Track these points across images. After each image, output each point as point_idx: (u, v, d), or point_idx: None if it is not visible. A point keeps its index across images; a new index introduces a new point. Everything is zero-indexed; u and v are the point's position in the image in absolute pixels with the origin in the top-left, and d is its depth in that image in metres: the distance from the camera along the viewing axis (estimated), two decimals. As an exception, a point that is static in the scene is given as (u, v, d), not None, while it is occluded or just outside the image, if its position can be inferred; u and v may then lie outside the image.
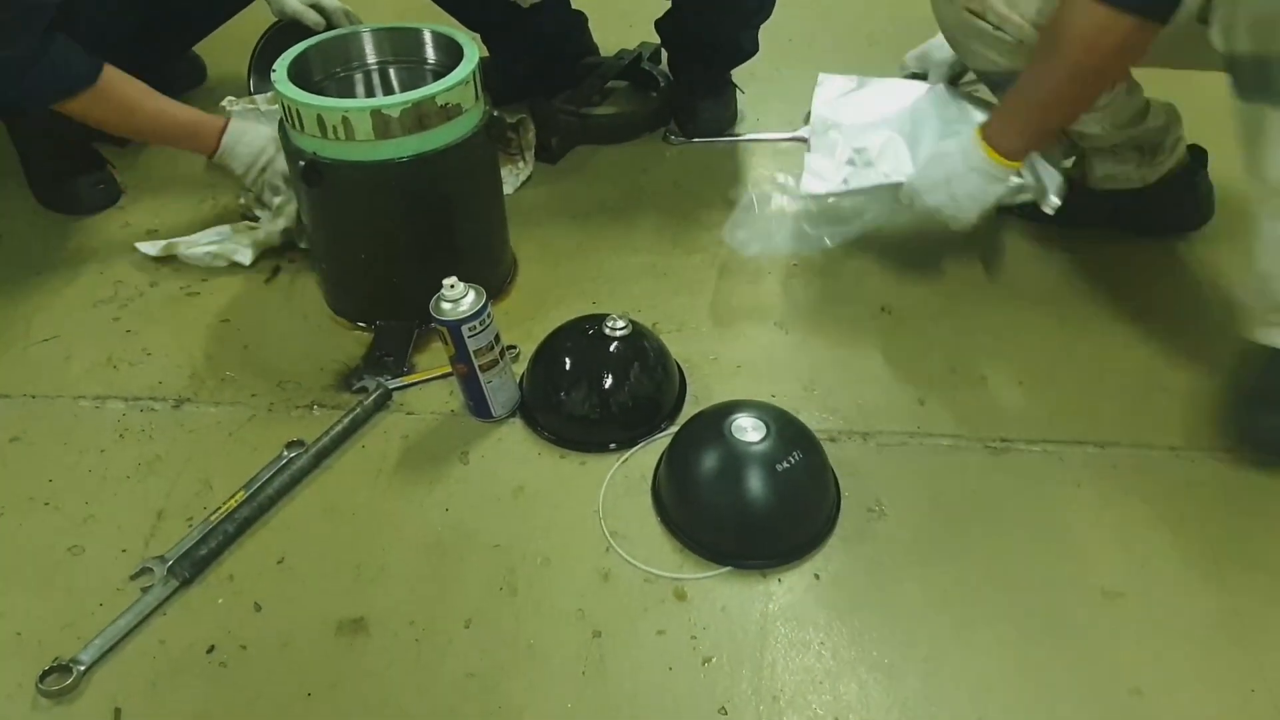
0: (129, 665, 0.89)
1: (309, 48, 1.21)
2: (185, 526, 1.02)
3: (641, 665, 0.89)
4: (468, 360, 1.06)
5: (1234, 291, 1.29)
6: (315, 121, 1.08)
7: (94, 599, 0.95)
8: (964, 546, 0.98)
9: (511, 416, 1.14)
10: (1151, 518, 1.01)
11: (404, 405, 1.16)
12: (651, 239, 1.44)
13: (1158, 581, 0.95)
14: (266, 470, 1.07)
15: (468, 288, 1.04)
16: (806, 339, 1.25)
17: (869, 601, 0.94)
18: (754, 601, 0.94)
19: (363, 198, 1.16)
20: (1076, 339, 1.23)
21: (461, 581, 0.96)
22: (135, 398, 1.18)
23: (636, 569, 0.97)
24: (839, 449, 1.09)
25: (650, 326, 1.21)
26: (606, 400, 1.10)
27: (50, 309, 1.33)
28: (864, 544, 0.99)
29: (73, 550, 1.00)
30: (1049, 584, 0.95)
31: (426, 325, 1.20)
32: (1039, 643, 0.90)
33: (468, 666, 0.89)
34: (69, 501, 1.05)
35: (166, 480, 1.07)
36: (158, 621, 0.93)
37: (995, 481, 1.05)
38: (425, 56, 1.27)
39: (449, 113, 1.11)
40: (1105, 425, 1.11)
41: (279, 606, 0.94)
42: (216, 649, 0.91)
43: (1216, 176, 1.35)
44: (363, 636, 0.91)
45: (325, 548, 1.00)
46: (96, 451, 1.11)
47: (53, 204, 1.52)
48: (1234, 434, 1.06)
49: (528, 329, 1.24)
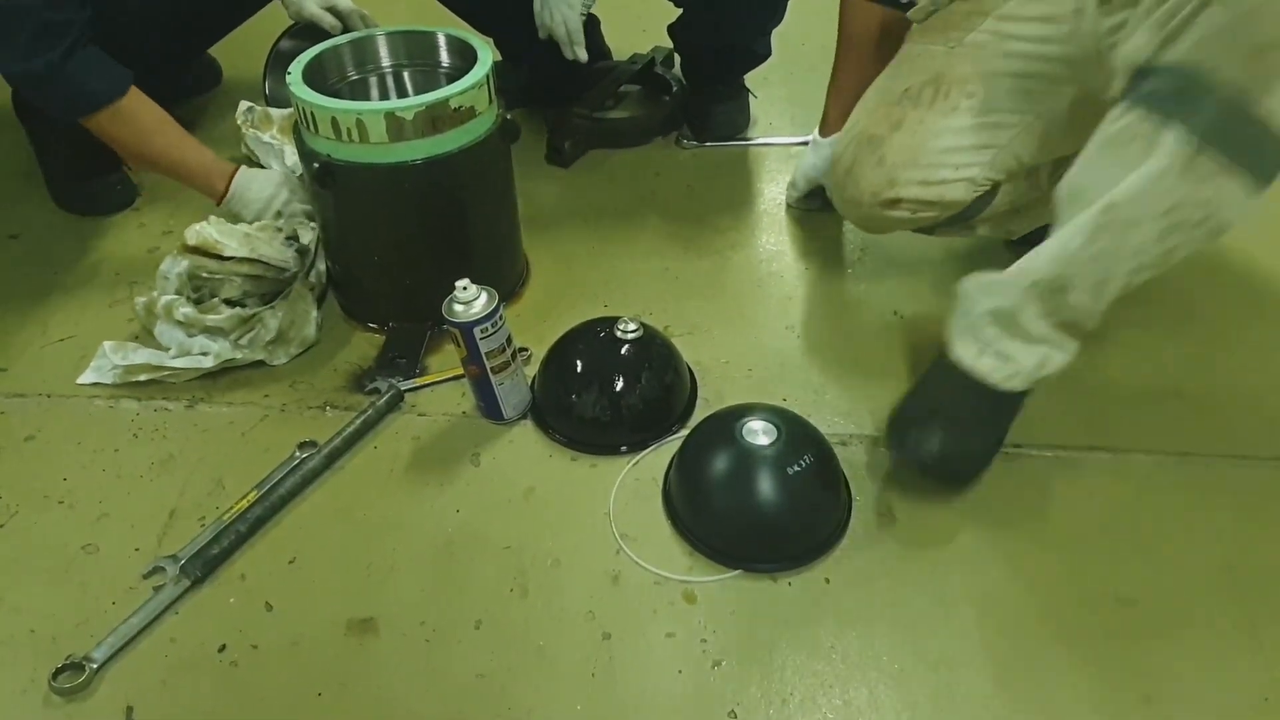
0: (141, 663, 0.90)
1: (324, 51, 1.21)
2: (198, 526, 1.02)
3: (651, 668, 0.89)
4: (480, 362, 1.06)
5: (1236, 296, 1.29)
6: (330, 124, 1.09)
7: (107, 597, 0.95)
8: (975, 552, 0.98)
9: (523, 418, 1.14)
10: (1164, 524, 1.00)
11: (416, 407, 1.17)
12: (663, 242, 1.44)
13: (1171, 588, 0.94)
14: (279, 470, 1.08)
15: (480, 290, 1.04)
16: (818, 343, 1.25)
17: (879, 606, 0.93)
18: (764, 605, 0.94)
19: (376, 200, 1.16)
20: (1088, 344, 1.22)
21: (472, 583, 0.96)
22: (149, 398, 1.18)
23: (646, 571, 0.97)
24: (850, 453, 1.08)
25: (661, 329, 1.21)
26: (617, 403, 1.10)
27: (66, 309, 1.34)
28: (875, 548, 0.99)
29: (86, 548, 1.01)
30: (1061, 590, 0.94)
31: (439, 327, 1.20)
32: (1051, 649, 0.89)
33: (477, 668, 0.89)
34: (83, 500, 1.06)
35: (179, 479, 1.08)
36: (169, 620, 0.94)
37: (1007, 487, 1.04)
38: (439, 60, 1.28)
39: (463, 116, 1.12)
40: (1118, 431, 1.10)
41: (290, 606, 0.95)
42: (228, 648, 0.91)
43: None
44: (373, 637, 0.92)
45: (336, 548, 1.00)
46: (110, 451, 1.12)
47: (69, 204, 1.54)
48: (890, 446, 1.04)
49: (539, 331, 1.24)
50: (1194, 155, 0.82)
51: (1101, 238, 0.89)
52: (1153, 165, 0.84)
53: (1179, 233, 0.86)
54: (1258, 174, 0.83)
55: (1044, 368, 0.99)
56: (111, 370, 1.19)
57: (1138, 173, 0.85)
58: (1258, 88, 0.79)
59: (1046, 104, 1.07)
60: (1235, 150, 0.81)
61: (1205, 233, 0.87)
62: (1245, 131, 0.81)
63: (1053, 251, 0.93)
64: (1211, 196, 0.84)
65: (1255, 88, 0.79)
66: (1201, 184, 0.83)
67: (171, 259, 1.24)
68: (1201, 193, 0.84)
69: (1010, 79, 1.07)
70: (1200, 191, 0.84)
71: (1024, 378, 0.99)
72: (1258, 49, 0.78)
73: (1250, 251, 1.38)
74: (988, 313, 0.98)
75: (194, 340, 1.20)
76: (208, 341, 1.20)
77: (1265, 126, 0.80)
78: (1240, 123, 0.80)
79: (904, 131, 1.12)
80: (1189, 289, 1.32)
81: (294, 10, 1.53)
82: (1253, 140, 0.81)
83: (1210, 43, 0.80)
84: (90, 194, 1.53)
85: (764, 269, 1.37)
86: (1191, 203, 0.85)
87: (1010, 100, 1.08)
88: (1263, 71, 0.78)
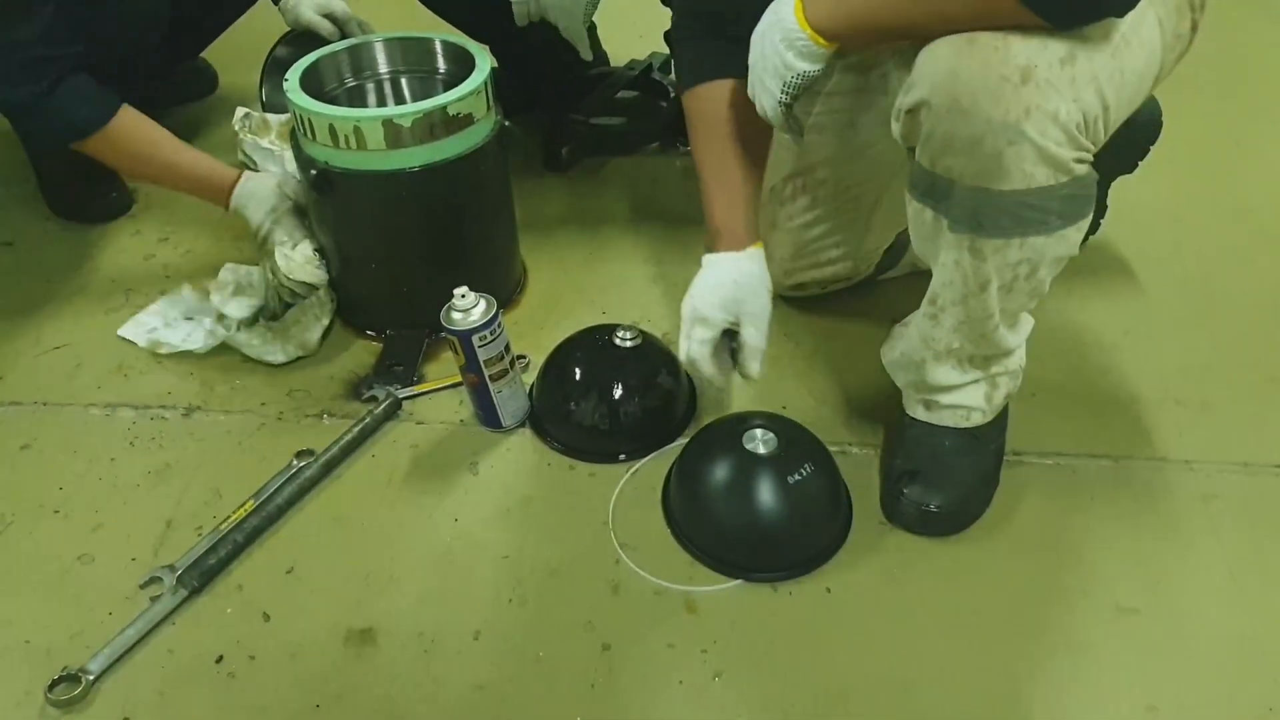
0: (137, 675, 0.89)
1: (321, 57, 1.21)
2: (195, 535, 1.01)
3: (651, 678, 0.88)
4: (478, 370, 1.06)
5: (1239, 302, 1.29)
6: (327, 131, 1.08)
7: (103, 608, 0.95)
8: (976, 561, 0.98)
9: (521, 426, 1.14)
10: (1166, 533, 1.00)
11: (414, 415, 1.16)
12: (661, 249, 1.44)
13: (1172, 597, 0.94)
14: (276, 479, 1.07)
15: (478, 297, 1.04)
16: (818, 351, 1.24)
17: (881, 616, 0.93)
18: (765, 615, 0.93)
19: (374, 207, 1.16)
20: (1088, 351, 1.22)
21: (470, 592, 0.96)
22: (145, 406, 1.18)
23: (646, 581, 0.96)
24: (851, 462, 1.08)
25: (660, 337, 1.20)
26: (616, 411, 1.09)
27: (62, 316, 1.33)
28: (875, 557, 0.98)
29: (82, 559, 1.00)
30: (1062, 599, 0.94)
31: (437, 335, 1.20)
32: (1052, 659, 0.89)
33: (476, 678, 0.88)
34: (78, 509, 1.05)
35: (176, 489, 1.07)
36: (166, 631, 0.93)
37: (1008, 495, 1.04)
38: (437, 66, 1.27)
39: (460, 123, 1.11)
40: (1119, 438, 1.10)
41: (288, 616, 0.94)
42: (225, 659, 0.90)
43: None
44: (371, 647, 0.91)
45: (334, 558, 1.00)
46: (107, 460, 1.11)
47: (64, 212, 1.53)
48: (884, 510, 1.03)
49: (538, 339, 1.23)
50: (971, 243, 0.84)
51: (946, 320, 0.92)
52: (946, 255, 0.87)
53: (1020, 283, 0.88)
54: (1052, 225, 0.83)
55: (995, 396, 1.00)
56: (148, 334, 1.27)
57: (941, 262, 0.88)
58: (988, 175, 0.79)
59: (888, 171, 1.14)
60: (1003, 228, 0.82)
61: (1048, 271, 0.88)
62: (1005, 210, 0.81)
63: (917, 334, 0.98)
64: (1021, 257, 0.85)
65: (986, 176, 0.79)
66: (999, 256, 0.85)
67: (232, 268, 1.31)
68: (1007, 259, 0.85)
69: (850, 156, 1.15)
70: (1005, 259, 0.85)
71: (983, 412, 1.00)
72: (965, 148, 0.79)
73: (1248, 258, 1.38)
74: (909, 385, 1.03)
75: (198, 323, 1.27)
76: (213, 324, 1.26)
77: (1027, 192, 0.80)
78: (994, 207, 0.81)
79: (779, 230, 1.22)
80: (1190, 295, 1.32)
81: (291, 17, 1.52)
82: (1020, 210, 0.81)
83: (931, 148, 0.82)
84: (85, 202, 1.52)
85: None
86: (1004, 268, 0.86)
87: (858, 174, 1.16)
88: (983, 162, 0.79)
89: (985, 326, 0.92)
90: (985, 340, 0.94)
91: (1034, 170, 0.78)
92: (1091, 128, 0.79)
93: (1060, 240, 0.84)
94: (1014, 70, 0.75)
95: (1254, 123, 1.78)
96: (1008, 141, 0.77)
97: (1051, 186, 0.80)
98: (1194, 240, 1.43)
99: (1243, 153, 1.68)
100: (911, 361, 1.00)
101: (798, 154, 1.17)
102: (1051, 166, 0.78)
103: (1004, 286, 0.88)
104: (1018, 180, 0.79)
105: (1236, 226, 1.46)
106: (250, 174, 1.30)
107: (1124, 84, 0.80)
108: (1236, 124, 1.76)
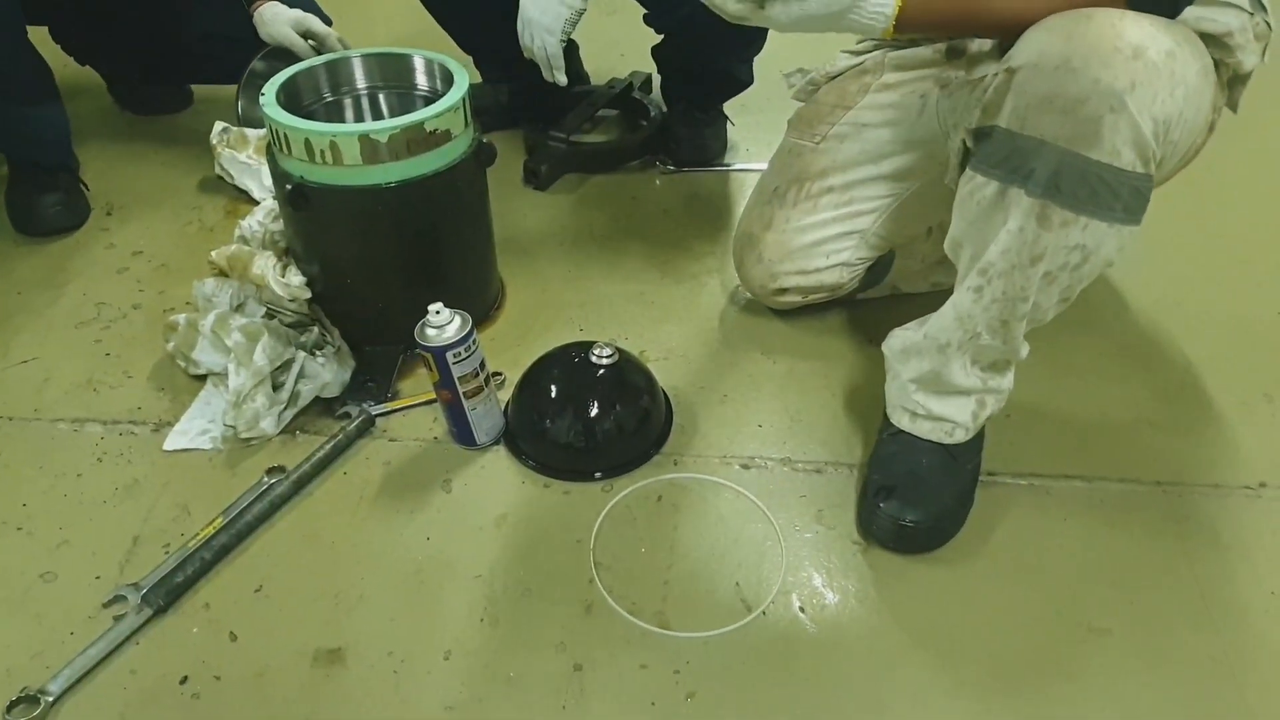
0: (99, 696, 0.87)
1: (299, 72, 1.21)
2: (162, 553, 1.00)
3: (623, 700, 0.87)
4: (452, 387, 1.05)
5: (1208, 326, 1.30)
6: (303, 145, 1.08)
7: (65, 627, 0.93)
8: (950, 580, 0.97)
9: (496, 444, 1.13)
10: (1138, 553, 1.00)
11: (387, 431, 1.15)
12: (639, 267, 1.44)
13: (1145, 618, 0.94)
14: (246, 496, 1.06)
15: (453, 314, 1.03)
16: (793, 369, 1.24)
17: (854, 636, 0.93)
18: (738, 634, 0.93)
19: (349, 222, 1.15)
20: (1063, 373, 1.23)
21: (441, 612, 0.95)
22: (114, 421, 1.16)
23: (620, 601, 0.95)
24: (825, 480, 1.08)
25: (637, 354, 1.20)
26: (592, 429, 1.09)
27: (31, 330, 1.31)
28: (848, 578, 0.98)
29: (44, 576, 0.98)
30: (1035, 620, 0.94)
31: (411, 351, 1.19)
32: (1025, 679, 0.89)
33: (447, 699, 0.87)
34: (42, 526, 1.03)
35: (144, 505, 1.06)
36: (130, 651, 0.91)
37: (981, 515, 1.04)
38: (415, 82, 1.27)
39: (438, 139, 1.11)
40: (1092, 459, 1.11)
41: (255, 636, 0.93)
42: (190, 680, 0.89)
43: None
44: (340, 667, 0.90)
45: (304, 576, 0.98)
46: (73, 475, 1.09)
47: (14, 222, 1.51)
48: (860, 524, 1.03)
49: (514, 356, 1.23)
50: (1042, 210, 0.85)
51: (988, 293, 0.93)
52: (1011, 224, 0.88)
53: (1064, 274, 0.89)
54: (1117, 213, 0.84)
55: (981, 415, 1.02)
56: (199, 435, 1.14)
57: (1003, 230, 0.89)
58: (1081, 140, 0.81)
59: (900, 188, 1.19)
60: (1078, 200, 0.84)
61: (1091, 269, 0.89)
62: (1085, 180, 0.83)
63: (952, 312, 0.97)
64: (1079, 241, 0.86)
65: (1079, 140, 0.81)
66: (1063, 232, 0.86)
67: (215, 281, 1.23)
68: (1067, 239, 0.86)
69: (866, 167, 1.19)
70: (1065, 239, 0.86)
71: (966, 429, 1.02)
72: (1067, 107, 0.81)
73: (1221, 281, 1.40)
74: (912, 380, 1.03)
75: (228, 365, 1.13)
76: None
77: (1109, 168, 0.82)
78: (1076, 173, 0.83)
79: (774, 231, 1.23)
80: (1163, 318, 1.33)
81: (267, 32, 1.51)
82: (1096, 185, 0.83)
83: (1025, 108, 0.83)
84: (31, 212, 1.50)
85: (740, 294, 1.37)
86: (1060, 249, 0.87)
87: (868, 188, 1.20)
88: (1080, 125, 0.81)
89: (1015, 310, 0.92)
90: (1007, 330, 0.94)
91: (1122, 148, 0.80)
92: (1163, 136, 0.82)
93: (1114, 236, 0.86)
94: (1127, 45, 0.78)
95: (1227, 145, 1.80)
96: (1109, 108, 0.79)
97: (1130, 172, 0.82)
98: (1167, 262, 1.44)
99: (1215, 176, 1.70)
100: (936, 344, 0.99)
101: (812, 160, 1.21)
102: (1136, 151, 0.81)
103: (1049, 274, 0.89)
104: (1107, 153, 0.81)
105: (1209, 249, 1.47)
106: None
107: (1183, 119, 0.83)
108: (1209, 146, 1.78)
